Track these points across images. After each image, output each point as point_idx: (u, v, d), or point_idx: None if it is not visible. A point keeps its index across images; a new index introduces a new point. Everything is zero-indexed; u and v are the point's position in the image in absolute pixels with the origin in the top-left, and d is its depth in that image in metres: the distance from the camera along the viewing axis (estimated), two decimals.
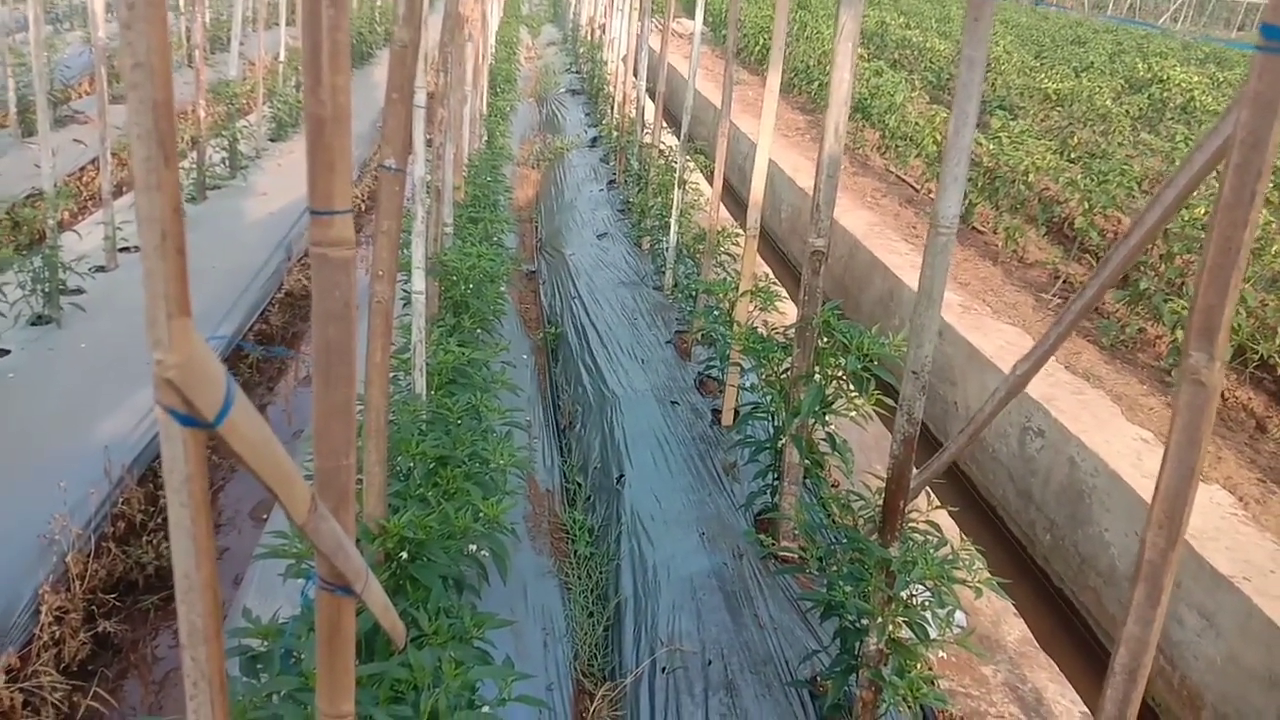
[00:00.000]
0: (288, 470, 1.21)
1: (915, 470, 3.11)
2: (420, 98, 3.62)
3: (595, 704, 4.09)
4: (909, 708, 3.34)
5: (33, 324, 6.85)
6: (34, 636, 4.27)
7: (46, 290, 6.93)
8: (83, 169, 11.08)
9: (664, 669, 4.11)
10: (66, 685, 4.17)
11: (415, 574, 3.02)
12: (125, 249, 8.42)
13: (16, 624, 4.28)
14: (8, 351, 6.38)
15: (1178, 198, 1.78)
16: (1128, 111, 14.75)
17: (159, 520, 5.36)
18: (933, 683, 3.30)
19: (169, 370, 0.91)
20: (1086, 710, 4.17)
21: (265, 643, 2.64)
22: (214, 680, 1.11)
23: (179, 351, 0.92)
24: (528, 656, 4.22)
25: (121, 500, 5.23)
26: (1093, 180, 10.11)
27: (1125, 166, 10.70)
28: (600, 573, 4.99)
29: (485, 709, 2.54)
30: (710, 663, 4.11)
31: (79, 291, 7.30)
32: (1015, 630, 4.63)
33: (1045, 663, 4.43)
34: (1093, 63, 19.70)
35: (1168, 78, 16.54)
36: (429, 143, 5.17)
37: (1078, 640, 6.15)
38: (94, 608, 4.67)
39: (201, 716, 1.12)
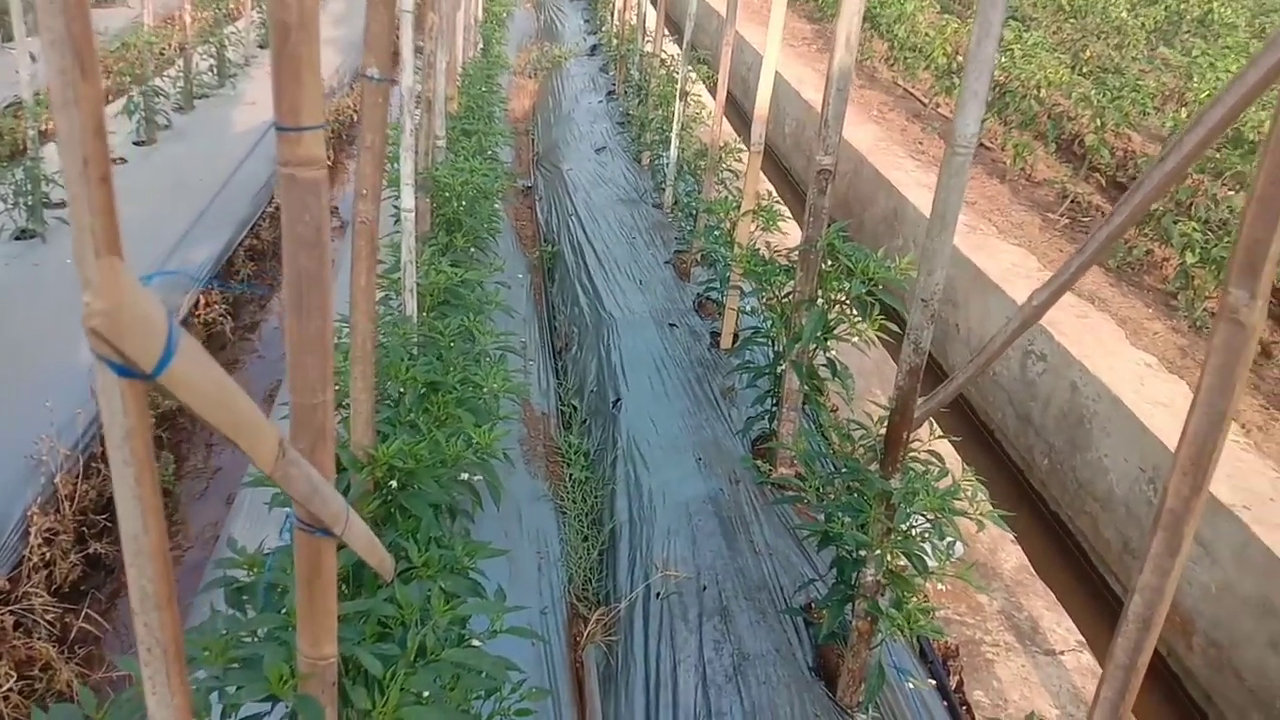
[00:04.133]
0: (248, 417, 1.10)
1: (920, 399, 3.01)
2: (407, 1, 3.41)
3: (589, 628, 4.07)
4: (905, 638, 3.32)
5: (16, 239, 6.69)
6: (24, 558, 4.24)
7: (29, 204, 6.75)
8: None
9: (658, 594, 4.09)
10: (58, 607, 4.15)
11: (405, 503, 2.95)
12: (112, 160, 8.19)
13: (6, 545, 4.24)
14: None
15: (1224, 118, 1.63)
16: (1143, 24, 14.30)
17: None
18: (929, 613, 3.27)
19: (94, 317, 0.79)
20: (1082, 639, 4.17)
21: (250, 572, 2.57)
22: (169, 647, 1.02)
23: (107, 296, 0.80)
24: (522, 580, 4.20)
25: None
26: (1105, 96, 9.82)
27: (1139, 82, 10.39)
28: (595, 497, 4.94)
29: (475, 642, 2.49)
30: (705, 588, 4.09)
31: (64, 205, 7.10)
32: (1012, 558, 4.61)
33: (1042, 590, 4.42)
34: None
35: None
36: (419, 50, 4.95)
37: (1073, 565, 6.16)
38: (85, 529, 4.63)
39: (157, 684, 1.04)
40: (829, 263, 4.23)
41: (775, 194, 8.49)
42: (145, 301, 0.85)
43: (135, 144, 8.87)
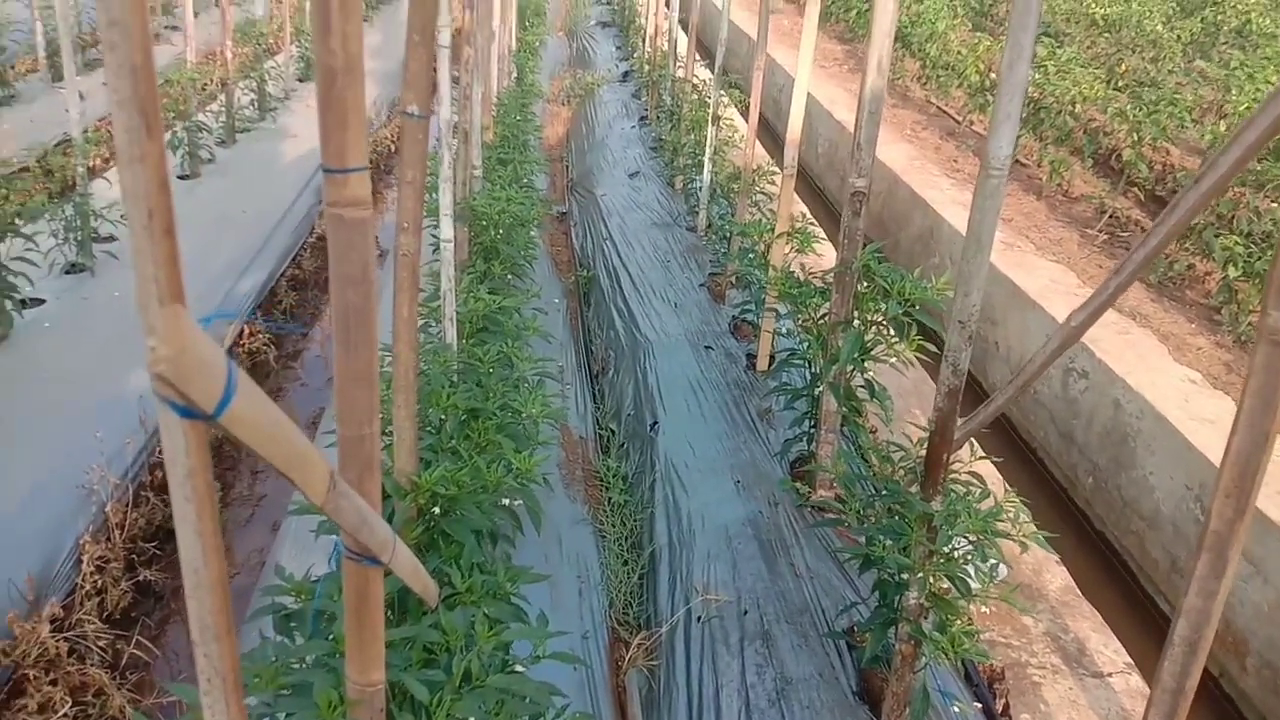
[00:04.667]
0: (302, 452, 1.14)
1: (959, 421, 3.00)
2: (445, 37, 3.49)
3: (631, 652, 4.08)
4: (949, 661, 3.28)
5: (67, 272, 6.86)
6: (76, 586, 4.33)
7: (79, 239, 6.93)
8: None
9: (699, 618, 4.09)
10: (110, 633, 4.23)
11: (448, 529, 2.98)
12: None
13: (59, 574, 4.34)
14: (43, 301, 6.40)
15: (1261, 135, 1.63)
16: (1179, 37, 14.15)
17: None
18: (974, 636, 3.23)
19: (159, 363, 0.83)
20: (1130, 660, 4.10)
21: (298, 599, 2.62)
22: (228, 677, 1.06)
23: (171, 342, 0.84)
24: (563, 605, 4.22)
25: (159, 450, 5.26)
26: (1142, 110, 9.73)
27: (1176, 96, 10.27)
28: (634, 520, 4.96)
29: (519, 668, 2.51)
30: (746, 612, 4.08)
31: (112, 239, 7.28)
32: (1057, 579, 4.55)
33: (1088, 612, 4.35)
34: None
35: None
36: (455, 82, 5.04)
37: (1120, 585, 6.06)
38: (134, 556, 4.72)
39: (216, 713, 1.08)
40: (865, 284, 4.23)
41: (809, 215, 8.50)
42: (205, 346, 0.89)
43: (179, 178, 9.07)
